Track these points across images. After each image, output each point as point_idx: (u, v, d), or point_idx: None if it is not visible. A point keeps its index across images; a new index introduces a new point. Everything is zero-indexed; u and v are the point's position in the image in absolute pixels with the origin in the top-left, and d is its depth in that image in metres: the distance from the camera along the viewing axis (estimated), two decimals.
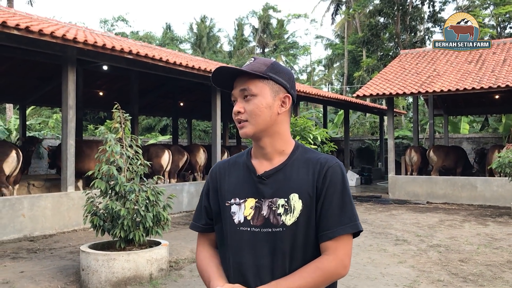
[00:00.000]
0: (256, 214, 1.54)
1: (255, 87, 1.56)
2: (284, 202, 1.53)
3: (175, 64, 10.34)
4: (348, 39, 37.02)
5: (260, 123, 1.55)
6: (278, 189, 1.55)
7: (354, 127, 30.76)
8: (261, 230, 1.52)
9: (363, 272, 5.90)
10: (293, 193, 1.53)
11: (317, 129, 9.31)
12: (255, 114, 1.55)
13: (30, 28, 7.44)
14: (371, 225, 9.47)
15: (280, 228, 1.51)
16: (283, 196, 1.54)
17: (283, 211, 1.52)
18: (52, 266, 6.05)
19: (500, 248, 7.24)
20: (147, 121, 31.20)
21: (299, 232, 1.51)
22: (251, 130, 1.56)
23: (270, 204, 1.53)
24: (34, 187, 10.89)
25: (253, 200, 1.56)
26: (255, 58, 1.61)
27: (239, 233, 1.55)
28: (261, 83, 1.56)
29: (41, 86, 15.31)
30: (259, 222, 1.53)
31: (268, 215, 1.52)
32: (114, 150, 5.48)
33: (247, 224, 1.54)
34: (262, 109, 1.55)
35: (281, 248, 1.51)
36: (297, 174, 1.56)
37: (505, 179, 11.82)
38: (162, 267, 5.60)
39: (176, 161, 13.04)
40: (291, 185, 1.55)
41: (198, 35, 43.19)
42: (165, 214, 5.57)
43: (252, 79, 1.56)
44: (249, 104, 1.55)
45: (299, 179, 1.55)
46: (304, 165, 1.58)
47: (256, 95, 1.55)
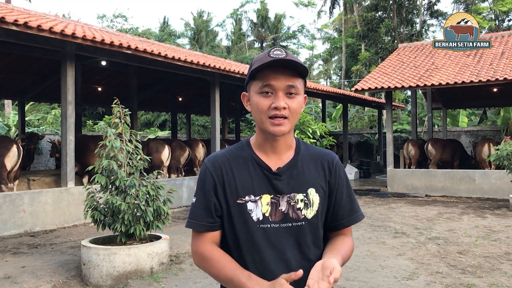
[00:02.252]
0: (273, 210, 1.55)
1: (300, 85, 1.54)
2: (303, 197, 1.57)
3: (173, 58, 10.34)
4: (346, 33, 36.98)
5: (294, 122, 1.56)
6: (295, 184, 1.58)
7: (352, 121, 30.79)
8: (280, 225, 1.55)
9: (362, 264, 5.95)
10: (310, 188, 1.60)
11: (316, 123, 9.33)
12: (296, 113, 1.53)
13: (28, 23, 7.43)
14: (370, 218, 9.51)
15: (302, 222, 1.57)
16: (301, 191, 1.58)
17: (303, 206, 1.57)
18: (53, 261, 6.08)
19: (498, 240, 7.29)
20: (146, 117, 31.19)
21: (318, 224, 1.61)
22: (288, 128, 1.53)
23: (289, 200, 1.56)
24: (34, 182, 10.90)
25: (268, 196, 1.56)
26: (286, 52, 1.52)
27: (260, 230, 1.54)
28: (302, 81, 1.56)
29: (40, 81, 15.30)
30: (277, 218, 1.55)
31: (287, 210, 1.55)
32: (114, 145, 5.50)
33: (267, 221, 1.54)
34: (301, 109, 1.57)
35: (305, 241, 1.57)
36: (308, 170, 1.62)
37: (503, 172, 11.86)
38: (162, 261, 5.63)
39: (177, 156, 13.08)
40: (307, 180, 1.60)
41: (195, 30, 43.09)
42: (166, 209, 5.60)
43: (298, 77, 1.53)
44: (293, 102, 1.51)
45: (312, 175, 1.62)
46: (311, 160, 1.64)
47: (299, 94, 1.54)
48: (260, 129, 1.58)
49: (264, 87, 1.50)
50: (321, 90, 17.21)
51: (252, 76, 1.54)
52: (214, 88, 12.67)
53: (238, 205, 1.55)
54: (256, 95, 1.53)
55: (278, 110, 1.49)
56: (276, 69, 1.49)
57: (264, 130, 1.55)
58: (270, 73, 1.50)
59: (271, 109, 1.50)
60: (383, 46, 28.10)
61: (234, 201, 1.55)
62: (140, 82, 15.87)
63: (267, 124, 1.52)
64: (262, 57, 1.52)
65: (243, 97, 1.66)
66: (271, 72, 1.49)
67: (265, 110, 1.51)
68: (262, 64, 1.48)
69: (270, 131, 1.52)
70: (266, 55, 1.51)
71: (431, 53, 16.64)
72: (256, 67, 1.50)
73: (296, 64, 1.49)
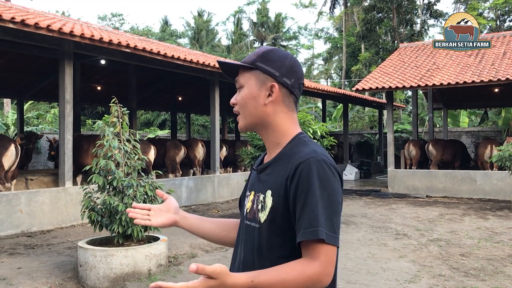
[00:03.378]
0: (251, 208, 1.51)
1: (243, 78, 1.52)
2: (262, 198, 1.46)
3: (172, 57, 10.26)
4: (346, 33, 36.89)
5: (247, 115, 1.51)
6: (262, 184, 1.49)
7: (353, 121, 30.70)
8: (250, 224, 1.49)
9: (363, 267, 5.86)
10: (268, 190, 1.43)
11: (317, 123, 9.23)
12: (241, 106, 1.52)
13: (25, 21, 7.34)
14: (370, 219, 9.43)
15: (257, 224, 1.45)
16: (262, 192, 1.47)
17: (260, 208, 1.45)
18: (49, 262, 5.99)
19: (501, 242, 7.20)
20: (145, 116, 31.11)
21: (269, 232, 1.40)
22: (241, 122, 1.53)
23: (257, 199, 1.49)
24: (32, 181, 10.82)
25: (253, 193, 1.53)
26: (248, 56, 1.56)
27: (242, 226, 1.56)
28: (248, 74, 1.51)
29: (39, 80, 15.22)
30: (250, 216, 1.50)
31: (256, 210, 1.48)
32: (112, 145, 5.41)
33: (246, 217, 1.53)
34: (246, 100, 1.50)
35: (258, 245, 1.44)
36: (278, 170, 1.44)
37: (505, 173, 11.78)
38: (161, 262, 5.54)
39: (172, 156, 13.02)
40: (270, 181, 1.45)
41: (196, 29, 43.00)
42: None
43: (242, 70, 1.53)
44: (239, 95, 1.53)
45: (276, 175, 1.44)
46: (287, 159, 1.44)
47: (243, 87, 1.52)
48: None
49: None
50: (321, 89, 17.12)
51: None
52: (214, 87, 12.58)
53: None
54: None
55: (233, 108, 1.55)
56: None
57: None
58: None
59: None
60: (383, 46, 28.02)
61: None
62: (140, 81, 15.78)
63: None
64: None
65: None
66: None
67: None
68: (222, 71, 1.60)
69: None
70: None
71: (432, 53, 16.55)
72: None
73: (226, 65, 1.55)
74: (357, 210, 10.77)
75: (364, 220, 9.35)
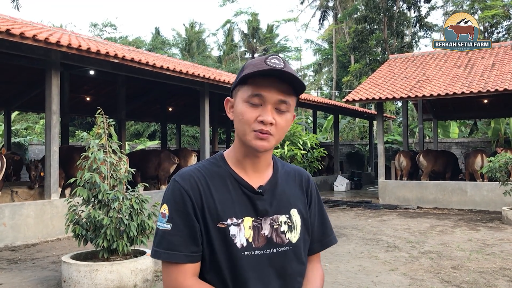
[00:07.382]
0: (256, 234, 1.35)
1: (293, 103, 1.37)
2: (287, 219, 1.40)
3: (162, 68, 10.17)
4: (336, 44, 37.07)
5: (279, 139, 1.37)
6: (278, 205, 1.40)
7: (343, 132, 30.73)
8: (264, 252, 1.35)
9: (354, 280, 5.76)
10: (293, 209, 1.43)
11: (307, 134, 9.17)
12: (281, 129, 1.35)
13: (11, 31, 7.23)
14: (361, 231, 9.34)
15: (287, 247, 1.38)
16: (284, 213, 1.40)
17: (287, 228, 1.39)
18: (32, 278, 5.82)
19: (492, 254, 7.14)
20: (135, 127, 30.92)
21: (302, 249, 1.44)
22: (272, 145, 1.35)
23: (272, 222, 1.37)
24: (17, 194, 10.61)
25: (250, 219, 1.36)
26: (284, 63, 1.34)
27: (245, 258, 1.33)
28: (295, 99, 1.38)
29: (27, 91, 15.05)
30: (260, 244, 1.35)
31: (271, 234, 1.36)
32: (97, 157, 5.30)
33: (250, 247, 1.34)
34: (288, 126, 1.38)
35: (291, 269, 1.38)
36: (289, 189, 1.46)
37: (495, 184, 11.77)
38: (147, 277, 5.40)
39: (167, 167, 12.93)
40: (289, 200, 1.44)
41: (187, 40, 43.00)
42: (150, 223, 5.39)
43: (292, 93, 1.36)
44: (281, 119, 1.34)
45: (292, 194, 1.46)
46: (288, 178, 1.48)
47: (290, 112, 1.37)
48: (241, 141, 1.37)
49: (254, 97, 1.31)
50: (312, 100, 17.13)
51: (242, 81, 1.34)
52: (204, 98, 12.50)
53: (218, 229, 1.33)
54: (242, 103, 1.34)
55: (264, 125, 1.31)
56: (271, 79, 1.31)
57: (245, 143, 1.35)
58: (263, 82, 1.31)
59: (257, 122, 1.31)
60: (374, 57, 28.15)
61: (214, 225, 1.33)
62: (129, 92, 15.67)
63: (250, 136, 1.32)
64: (257, 62, 1.33)
65: (226, 103, 1.44)
66: (265, 82, 1.31)
67: (250, 122, 1.32)
68: (257, 71, 1.30)
69: (252, 144, 1.33)
70: (262, 61, 1.32)
71: (422, 64, 16.63)
72: (249, 72, 1.31)
73: (294, 78, 1.31)
74: (348, 222, 10.68)
75: (355, 232, 9.26)
